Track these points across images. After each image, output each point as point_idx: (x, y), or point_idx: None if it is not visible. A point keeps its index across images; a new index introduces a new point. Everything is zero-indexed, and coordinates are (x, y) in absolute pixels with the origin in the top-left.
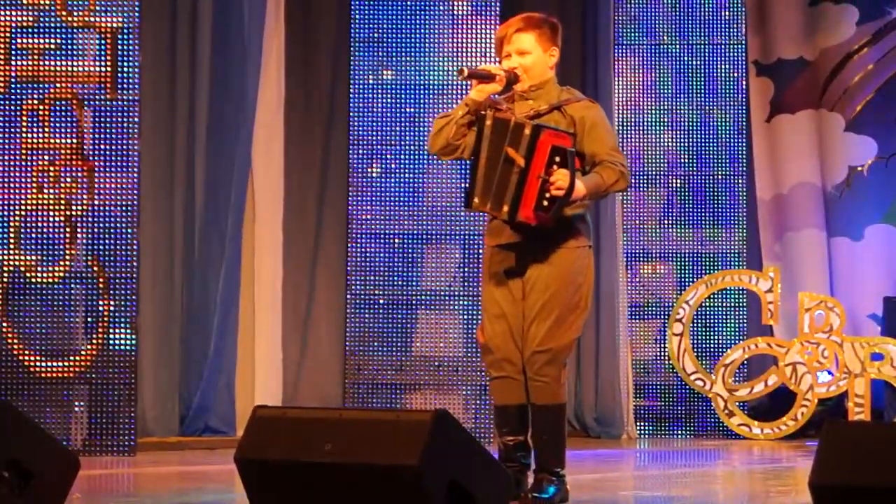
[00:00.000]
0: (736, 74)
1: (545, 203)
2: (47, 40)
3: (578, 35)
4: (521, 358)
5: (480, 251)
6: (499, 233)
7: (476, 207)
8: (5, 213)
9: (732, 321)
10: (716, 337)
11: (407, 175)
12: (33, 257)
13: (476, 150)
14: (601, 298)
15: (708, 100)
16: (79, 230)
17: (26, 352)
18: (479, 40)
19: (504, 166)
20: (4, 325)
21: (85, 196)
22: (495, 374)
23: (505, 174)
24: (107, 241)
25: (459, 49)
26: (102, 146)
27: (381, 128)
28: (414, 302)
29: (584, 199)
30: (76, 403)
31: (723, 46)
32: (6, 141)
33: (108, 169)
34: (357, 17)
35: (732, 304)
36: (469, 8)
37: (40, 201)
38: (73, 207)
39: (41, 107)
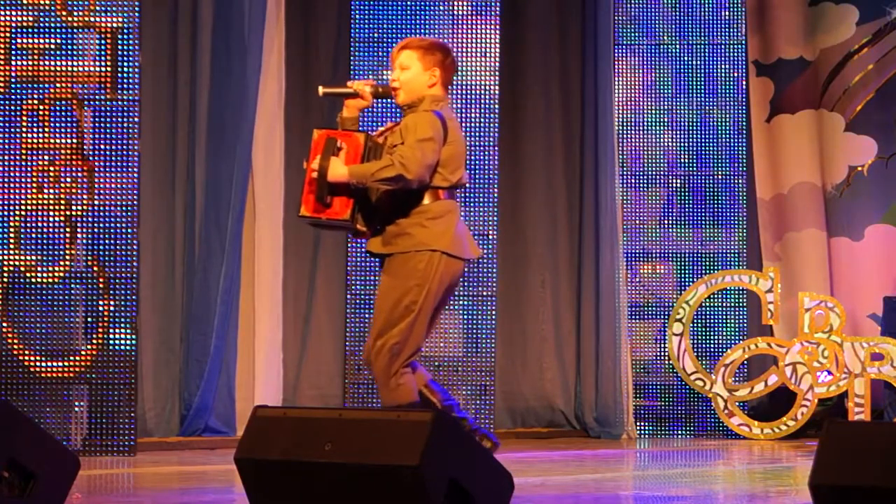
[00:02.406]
0: (736, 74)
1: (312, 191)
2: (47, 40)
3: (578, 35)
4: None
5: (481, 251)
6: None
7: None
8: (5, 213)
9: (732, 321)
10: (716, 337)
11: None
12: (33, 257)
13: None
14: (601, 298)
15: (708, 100)
16: (79, 230)
17: (26, 352)
18: (479, 40)
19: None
20: (4, 325)
21: (85, 196)
22: None
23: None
24: (107, 241)
25: (459, 49)
26: (102, 146)
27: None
28: None
29: (353, 182)
30: (76, 403)
31: (723, 46)
32: (6, 141)
33: (108, 169)
34: (357, 17)
35: (732, 304)
36: (469, 8)
37: (40, 201)
38: (73, 207)
39: (41, 107)
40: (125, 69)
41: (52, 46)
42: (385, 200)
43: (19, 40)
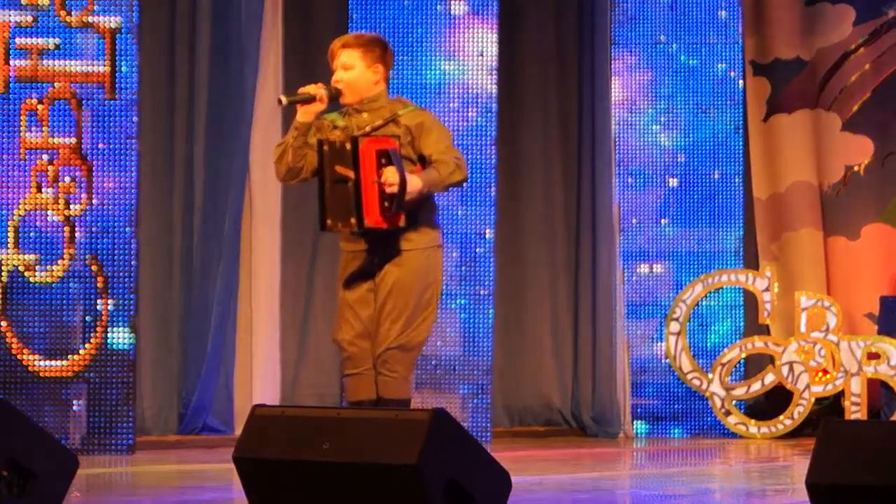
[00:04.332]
0: (733, 74)
1: (386, 204)
2: (46, 40)
3: (576, 34)
4: (373, 355)
5: (479, 251)
6: (355, 240)
7: (330, 228)
8: (4, 212)
9: (729, 320)
10: (713, 336)
11: None
12: (32, 257)
13: (320, 176)
14: (598, 298)
15: (705, 99)
16: (77, 230)
17: (25, 351)
18: (476, 40)
19: (340, 184)
20: (3, 324)
21: (84, 196)
22: (348, 372)
23: (343, 191)
24: (105, 241)
25: (458, 49)
26: (101, 146)
27: None
28: None
29: (424, 192)
30: (75, 402)
31: (720, 46)
32: (5, 141)
33: (106, 169)
34: (356, 17)
35: (729, 304)
36: (466, 8)
37: (39, 201)
38: (72, 207)
39: (40, 106)
40: (124, 69)
41: (51, 46)
42: (415, 199)
43: (18, 40)
